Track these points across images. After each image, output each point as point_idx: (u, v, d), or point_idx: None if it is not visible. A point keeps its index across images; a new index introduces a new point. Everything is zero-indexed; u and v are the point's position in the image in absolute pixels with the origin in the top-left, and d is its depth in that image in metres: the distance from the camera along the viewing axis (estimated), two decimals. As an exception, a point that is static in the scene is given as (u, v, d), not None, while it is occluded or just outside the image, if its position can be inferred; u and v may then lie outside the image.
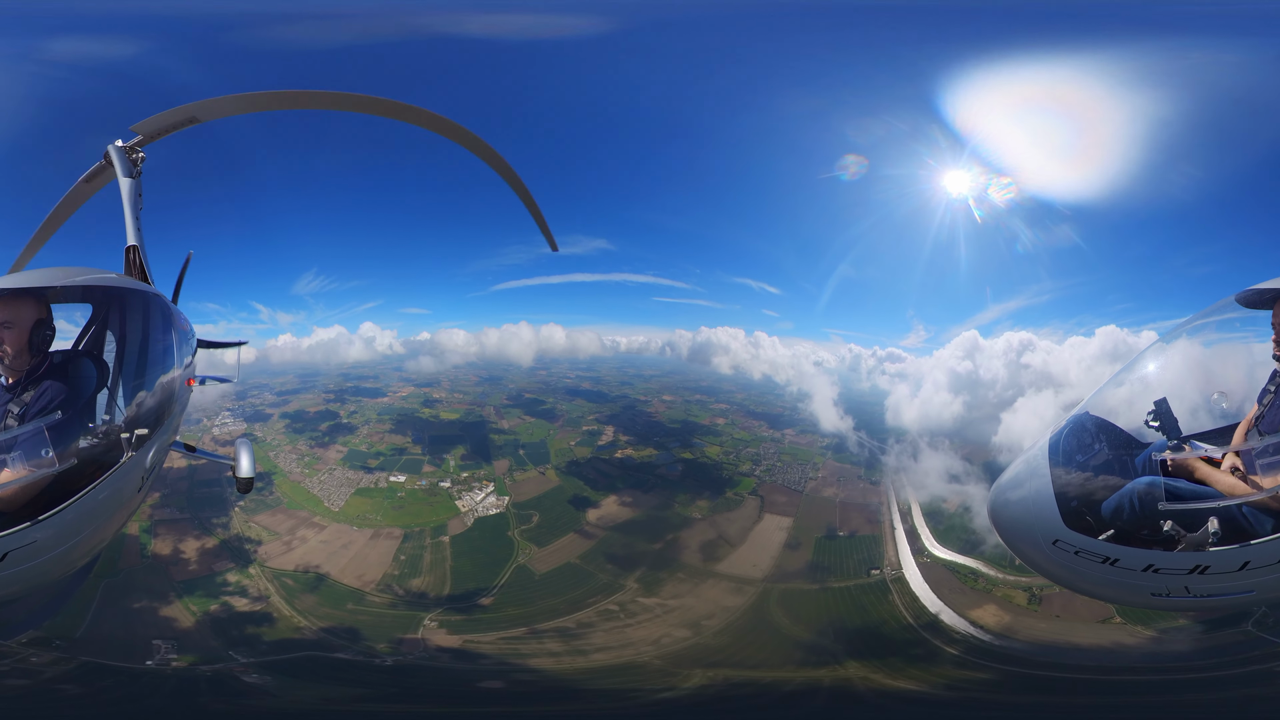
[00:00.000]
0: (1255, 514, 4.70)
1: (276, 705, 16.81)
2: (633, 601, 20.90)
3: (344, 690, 17.30)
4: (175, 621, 19.17)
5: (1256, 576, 4.68)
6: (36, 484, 4.40)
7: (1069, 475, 5.10)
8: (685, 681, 18.24)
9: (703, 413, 27.37)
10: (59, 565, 4.69)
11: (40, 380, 4.87)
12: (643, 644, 19.08)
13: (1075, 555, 4.92)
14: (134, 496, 5.46)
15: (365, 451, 22.90)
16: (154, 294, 6.28)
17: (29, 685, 17.35)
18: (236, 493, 8.29)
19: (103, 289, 5.72)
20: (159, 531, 19.20)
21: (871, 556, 23.00)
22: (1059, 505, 4.98)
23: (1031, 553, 5.20)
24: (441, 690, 17.55)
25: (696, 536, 23.31)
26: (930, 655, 19.58)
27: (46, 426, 4.45)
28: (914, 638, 20.40)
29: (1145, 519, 4.77)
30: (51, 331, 5.13)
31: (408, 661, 17.85)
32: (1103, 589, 5.19)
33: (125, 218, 7.89)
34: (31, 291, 5.01)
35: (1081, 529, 4.90)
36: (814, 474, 25.24)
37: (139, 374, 5.44)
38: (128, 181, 7.94)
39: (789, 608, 21.88)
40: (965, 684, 18.87)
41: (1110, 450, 5.35)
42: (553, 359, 27.66)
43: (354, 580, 20.30)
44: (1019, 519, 5.23)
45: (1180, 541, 4.66)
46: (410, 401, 24.97)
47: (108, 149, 8.14)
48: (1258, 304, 5.27)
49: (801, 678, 19.72)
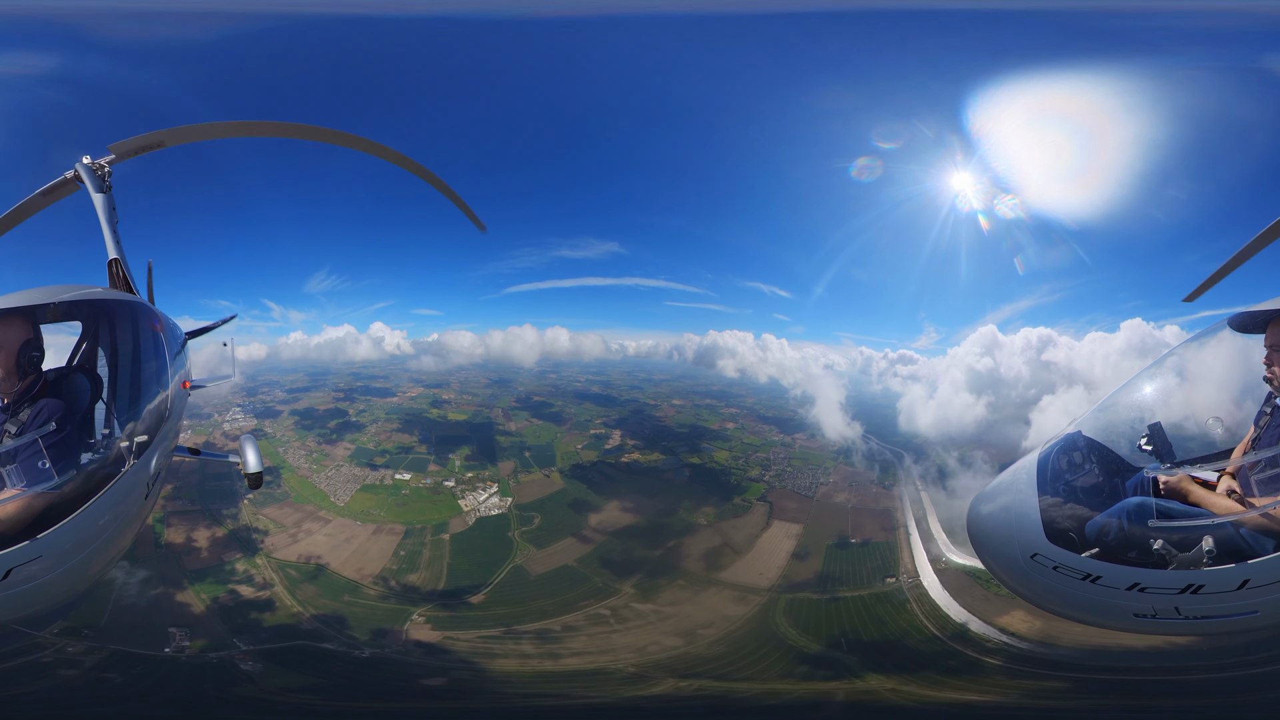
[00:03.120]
0: (1254, 535, 4.60)
1: (253, 692, 17.23)
2: (626, 607, 20.48)
3: (319, 680, 17.57)
4: (189, 607, 20.06)
5: (1258, 596, 4.53)
6: (38, 501, 4.36)
7: (1056, 492, 5.01)
8: (650, 689, 17.63)
9: (713, 417, 26.83)
10: (69, 582, 4.64)
11: (36, 399, 4.83)
12: (625, 651, 18.59)
13: (1053, 571, 4.77)
14: (141, 505, 5.40)
15: (372, 449, 23.55)
16: (140, 303, 6.26)
17: (77, 675, 18.44)
18: (247, 487, 8.18)
19: (88, 304, 5.68)
20: (172, 522, 20.24)
21: (886, 564, 21.98)
22: (1042, 519, 4.86)
23: (1005, 566, 5.05)
24: (393, 685, 17.59)
25: (700, 543, 22.68)
26: (971, 666, 18.69)
27: (45, 443, 4.45)
28: (943, 649, 19.35)
29: (1134, 538, 4.67)
30: (40, 352, 4.99)
31: (382, 655, 18.01)
32: (1079, 608, 4.99)
33: (103, 232, 7.76)
34: (17, 311, 4.92)
35: (1064, 544, 4.77)
36: (825, 479, 24.23)
37: (133, 383, 5.44)
38: (100, 197, 7.84)
39: (796, 618, 20.98)
40: (1039, 693, 17.99)
41: (1100, 471, 5.27)
42: (557, 362, 27.86)
43: (353, 573, 20.74)
44: (996, 530, 5.10)
45: (1171, 561, 4.55)
46: (419, 402, 25.58)
47: (76, 166, 8.00)
48: (1250, 328, 5.21)
49: (803, 690, 18.89)
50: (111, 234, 7.76)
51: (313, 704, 17.19)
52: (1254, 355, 5.07)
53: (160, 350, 6.12)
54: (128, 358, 5.58)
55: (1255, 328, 5.17)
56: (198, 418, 21.54)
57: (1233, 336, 5.34)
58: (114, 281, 7.67)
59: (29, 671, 17.90)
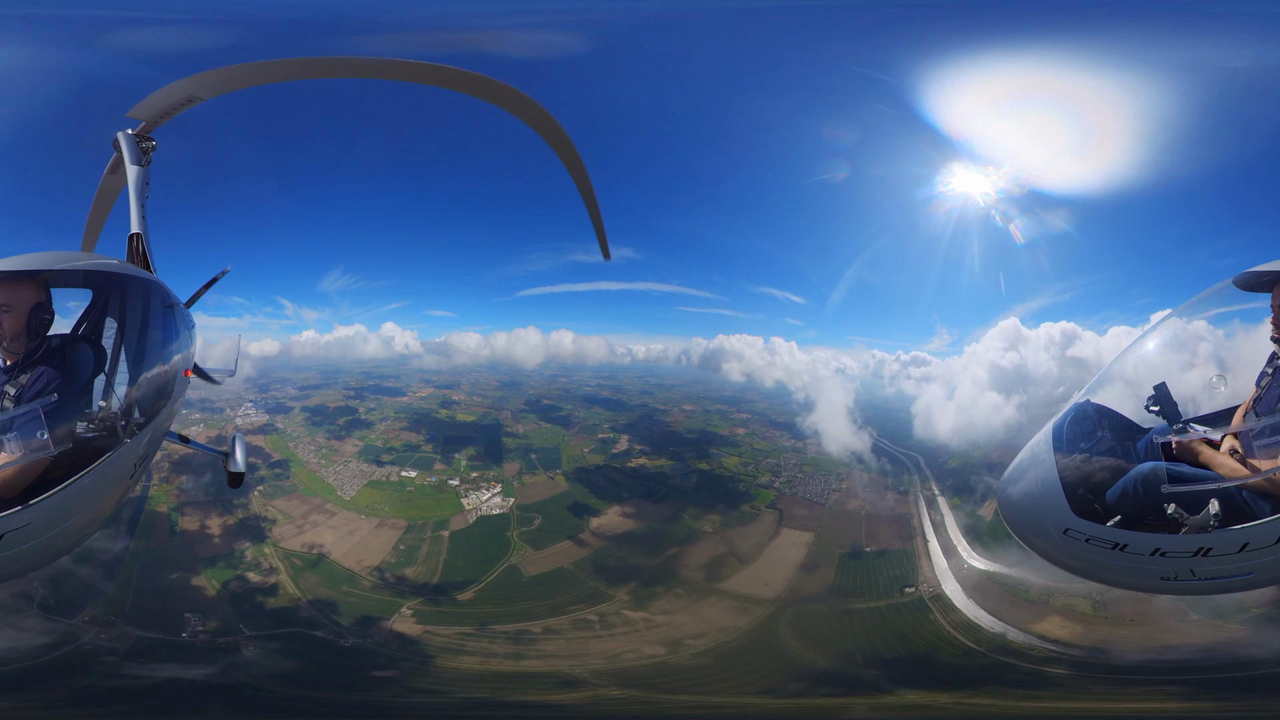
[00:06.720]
0: (1254, 497, 4.67)
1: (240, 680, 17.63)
2: (616, 614, 19.83)
3: (304, 665, 17.82)
4: (203, 591, 20.96)
5: (1255, 558, 4.66)
6: (31, 467, 4.39)
7: (1073, 464, 5.08)
8: (568, 696, 16.91)
9: (723, 423, 26.01)
10: (52, 548, 4.71)
11: (38, 363, 4.84)
12: (597, 657, 17.95)
13: (1086, 543, 4.91)
14: (125, 482, 5.37)
15: (380, 446, 24.14)
16: (156, 282, 6.15)
17: (115, 662, 19.55)
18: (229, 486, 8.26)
19: (104, 275, 5.62)
20: (186, 511, 21.35)
21: (904, 573, 20.46)
22: (1066, 494, 4.98)
23: (1043, 544, 5.18)
24: (353, 676, 17.56)
25: (704, 552, 21.78)
26: (1036, 678, 17.43)
27: (42, 410, 4.45)
28: (989, 661, 17.99)
29: (1149, 503, 4.73)
30: (50, 315, 5.06)
31: (361, 645, 18.10)
32: (1114, 575, 5.15)
33: (131, 205, 7.64)
34: (31, 274, 4.97)
35: (1089, 516, 4.91)
36: (838, 485, 22.86)
37: (137, 362, 5.37)
38: (135, 170, 7.74)
39: (803, 630, 19.69)
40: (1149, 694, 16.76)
41: (1112, 437, 5.31)
42: (565, 365, 27.86)
43: (353, 564, 21.13)
44: (1028, 511, 5.23)
45: (1184, 524, 4.64)
46: (429, 402, 26.11)
47: (117, 136, 7.84)
48: (1256, 287, 5.20)
49: (806, 706, 17.69)
50: (139, 209, 7.65)
51: (289, 693, 17.42)
52: (1258, 314, 5.04)
53: (169, 333, 6.06)
54: (135, 334, 5.51)
55: (1262, 287, 5.15)
56: (209, 411, 22.83)
57: (1238, 295, 5.29)
58: (132, 256, 7.57)
59: (75, 660, 18.93)
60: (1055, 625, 18.14)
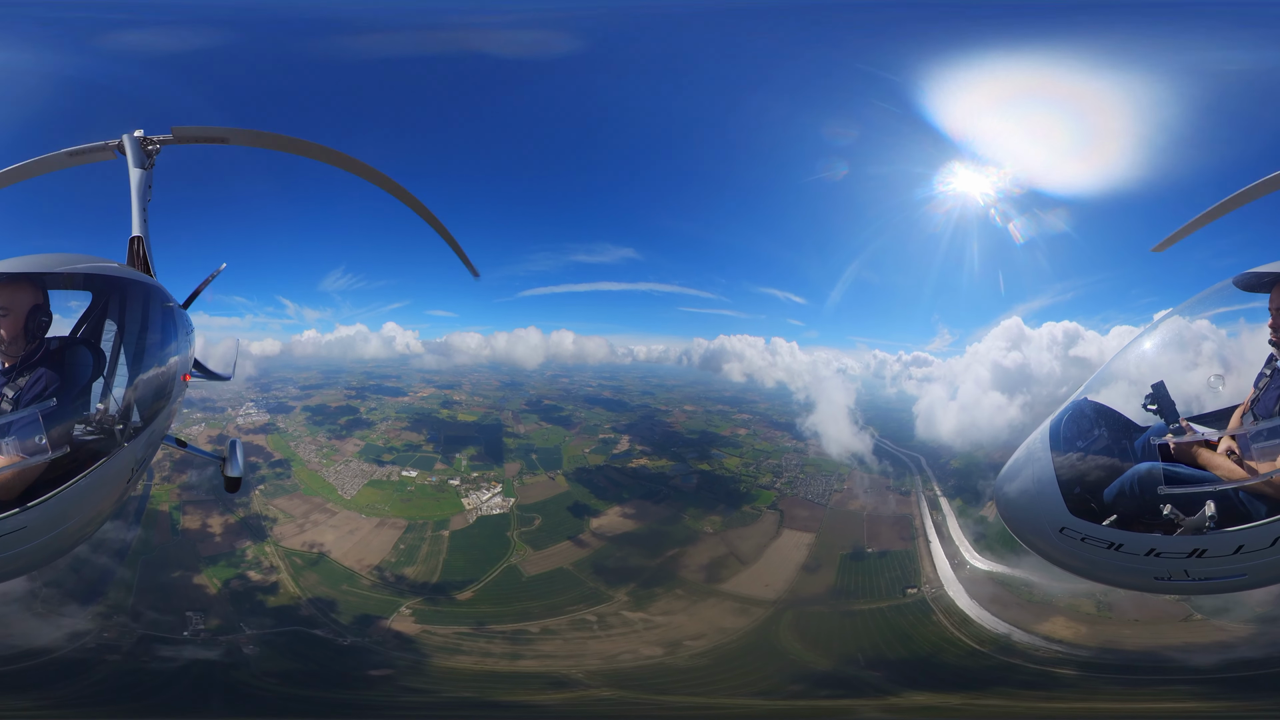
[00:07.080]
0: (1250, 499, 4.67)
1: (241, 678, 17.65)
2: (615, 614, 19.80)
3: (303, 666, 17.83)
4: (205, 589, 20.98)
5: (1249, 560, 4.67)
6: (29, 470, 4.38)
7: (1070, 462, 5.07)
8: (555, 697, 16.87)
9: (724, 423, 25.95)
10: (48, 550, 4.71)
11: (36, 366, 4.83)
12: (593, 658, 17.91)
13: (1082, 542, 4.93)
14: (123, 485, 5.38)
15: (380, 446, 24.16)
16: (154, 285, 6.15)
17: (120, 660, 19.60)
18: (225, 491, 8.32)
19: (104, 278, 5.58)
20: (187, 510, 21.39)
21: (906, 574, 20.39)
22: (1063, 493, 4.98)
23: (1040, 542, 5.20)
24: (353, 674, 17.56)
25: (704, 552, 21.73)
26: (1045, 679, 17.44)
27: (40, 413, 4.44)
28: (994, 663, 17.98)
29: (1145, 503, 4.74)
30: (49, 317, 5.05)
31: (360, 644, 18.11)
32: (1109, 574, 5.17)
33: (132, 208, 7.66)
34: (30, 277, 4.95)
35: (1086, 515, 4.92)
36: (839, 486, 22.79)
37: (136, 365, 5.34)
38: (139, 172, 7.76)
39: (804, 631, 19.61)
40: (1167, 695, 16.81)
41: (1109, 435, 5.32)
42: (562, 365, 27.83)
43: (353, 563, 21.15)
44: (1025, 509, 5.23)
45: (1179, 525, 4.64)
46: (430, 402, 26.12)
47: (122, 137, 7.91)
48: (1255, 288, 5.22)
49: (806, 708, 17.61)
50: (141, 211, 7.69)
51: (290, 692, 17.44)
52: (1258, 315, 5.05)
53: (168, 336, 6.03)
54: (134, 338, 5.50)
55: (1261, 288, 5.17)
56: (210, 410, 22.91)
57: (1237, 296, 5.31)
58: (133, 259, 7.59)
59: (78, 658, 18.98)
60: (1060, 626, 18.05)
